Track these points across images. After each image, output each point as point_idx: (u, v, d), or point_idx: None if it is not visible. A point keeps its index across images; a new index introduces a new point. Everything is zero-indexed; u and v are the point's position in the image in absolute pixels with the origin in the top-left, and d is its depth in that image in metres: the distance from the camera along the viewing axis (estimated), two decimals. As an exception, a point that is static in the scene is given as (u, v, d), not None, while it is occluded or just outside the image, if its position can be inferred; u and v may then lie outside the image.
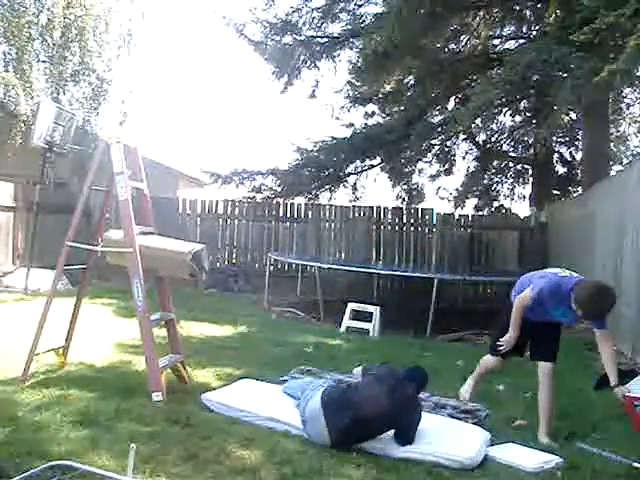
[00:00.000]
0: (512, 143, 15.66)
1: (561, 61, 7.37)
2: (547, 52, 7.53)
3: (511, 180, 16.25)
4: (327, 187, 13.15)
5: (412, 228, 11.16)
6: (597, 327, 3.54)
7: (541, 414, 3.70)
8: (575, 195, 13.85)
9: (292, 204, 11.79)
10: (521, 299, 3.70)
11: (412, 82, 12.96)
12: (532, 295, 3.63)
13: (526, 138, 15.13)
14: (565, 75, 7.48)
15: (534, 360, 3.83)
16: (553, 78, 7.73)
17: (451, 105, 12.87)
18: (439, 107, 12.91)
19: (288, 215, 11.54)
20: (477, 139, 14.72)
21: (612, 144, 13.62)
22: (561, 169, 15.40)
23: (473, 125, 11.48)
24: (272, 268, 10.22)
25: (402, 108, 13.17)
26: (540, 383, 3.76)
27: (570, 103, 7.98)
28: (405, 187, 15.32)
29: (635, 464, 3.15)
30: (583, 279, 3.63)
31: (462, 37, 12.29)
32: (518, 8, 11.00)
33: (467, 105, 8.66)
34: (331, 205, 11.92)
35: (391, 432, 3.38)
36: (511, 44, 11.88)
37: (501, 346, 3.80)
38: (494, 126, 14.90)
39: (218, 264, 11.26)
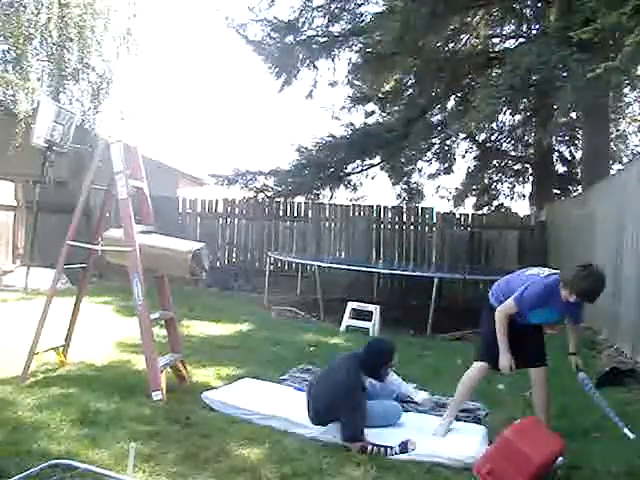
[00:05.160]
0: (512, 142, 15.65)
1: (561, 63, 7.31)
2: (547, 54, 7.47)
3: (511, 179, 16.24)
4: (327, 186, 13.14)
5: (412, 227, 11.12)
6: (574, 321, 3.55)
7: (544, 415, 3.61)
8: (575, 194, 13.84)
9: (292, 203, 11.76)
10: (502, 311, 3.47)
11: (412, 81, 12.94)
12: (513, 304, 3.43)
13: (526, 137, 15.11)
14: (565, 75, 7.44)
15: (529, 367, 3.64)
16: (554, 80, 7.68)
17: (451, 104, 12.86)
18: (439, 106, 12.88)
19: (288, 214, 11.53)
20: (477, 138, 14.70)
21: (612, 143, 13.60)
22: (561, 168, 15.39)
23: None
24: (272, 267, 10.21)
25: (402, 107, 13.16)
26: (540, 387, 3.63)
27: (571, 106, 7.91)
28: (405, 186, 15.31)
29: (626, 430, 3.20)
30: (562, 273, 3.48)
31: (462, 36, 12.27)
32: (518, 7, 10.99)
33: (471, 113, 8.49)
34: (331, 204, 11.91)
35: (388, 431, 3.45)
36: (511, 43, 11.88)
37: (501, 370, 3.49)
38: (494, 125, 14.88)
39: (218, 263, 11.25)
